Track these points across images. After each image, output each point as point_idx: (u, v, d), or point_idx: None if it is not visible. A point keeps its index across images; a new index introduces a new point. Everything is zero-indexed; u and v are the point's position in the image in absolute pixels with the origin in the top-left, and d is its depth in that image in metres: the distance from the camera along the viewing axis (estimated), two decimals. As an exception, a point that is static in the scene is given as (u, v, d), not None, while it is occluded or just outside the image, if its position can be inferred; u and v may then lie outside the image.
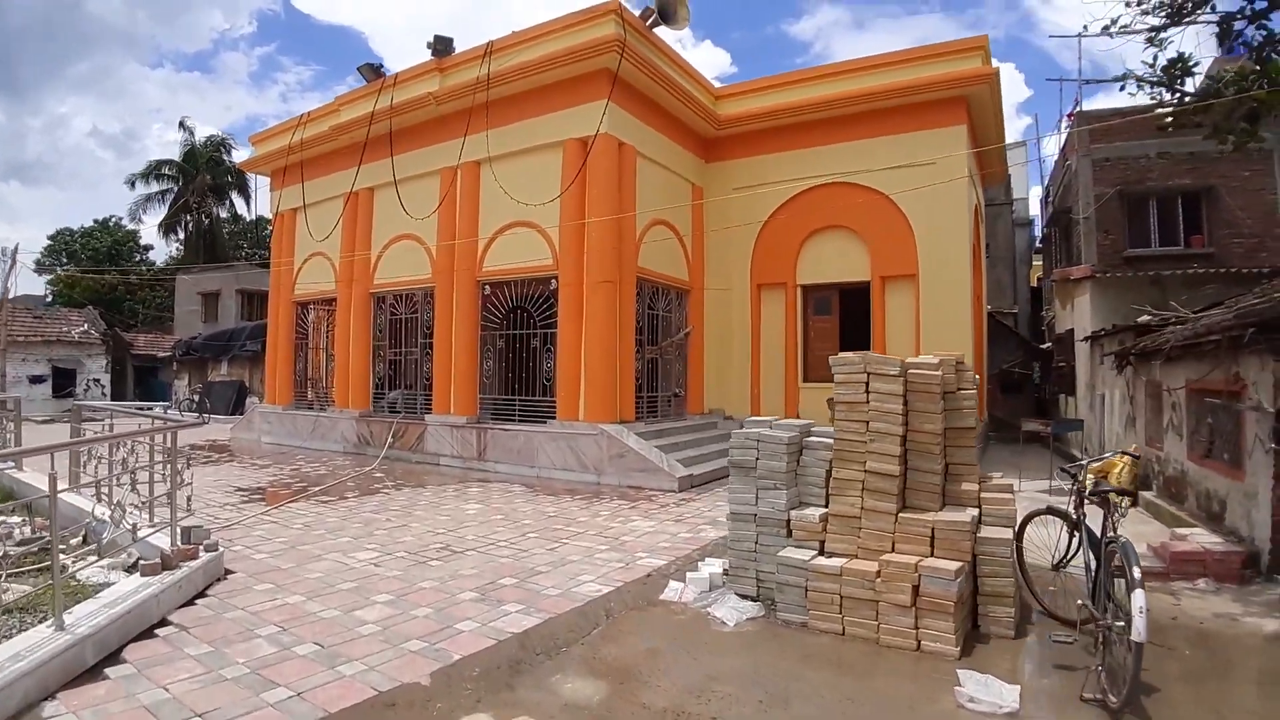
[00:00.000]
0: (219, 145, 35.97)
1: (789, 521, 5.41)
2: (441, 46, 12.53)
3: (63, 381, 26.72)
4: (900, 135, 12.54)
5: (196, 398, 23.65)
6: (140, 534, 5.88)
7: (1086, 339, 12.98)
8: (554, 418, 11.16)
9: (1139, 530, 6.94)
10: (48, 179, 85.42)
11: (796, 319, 13.43)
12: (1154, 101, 7.22)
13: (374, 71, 13.41)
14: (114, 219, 41.94)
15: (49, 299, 37.49)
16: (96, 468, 7.43)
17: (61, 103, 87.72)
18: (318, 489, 9.76)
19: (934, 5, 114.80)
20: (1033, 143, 26.67)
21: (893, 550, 4.90)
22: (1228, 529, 6.30)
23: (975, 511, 5.08)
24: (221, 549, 5.90)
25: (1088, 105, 18.07)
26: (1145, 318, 11.31)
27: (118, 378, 29.68)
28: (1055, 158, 21.08)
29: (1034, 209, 25.71)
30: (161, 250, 41.90)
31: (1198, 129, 7.35)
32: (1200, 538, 6.13)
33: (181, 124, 35.94)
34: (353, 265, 14.16)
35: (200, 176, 33.83)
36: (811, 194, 13.24)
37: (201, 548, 5.69)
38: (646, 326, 12.00)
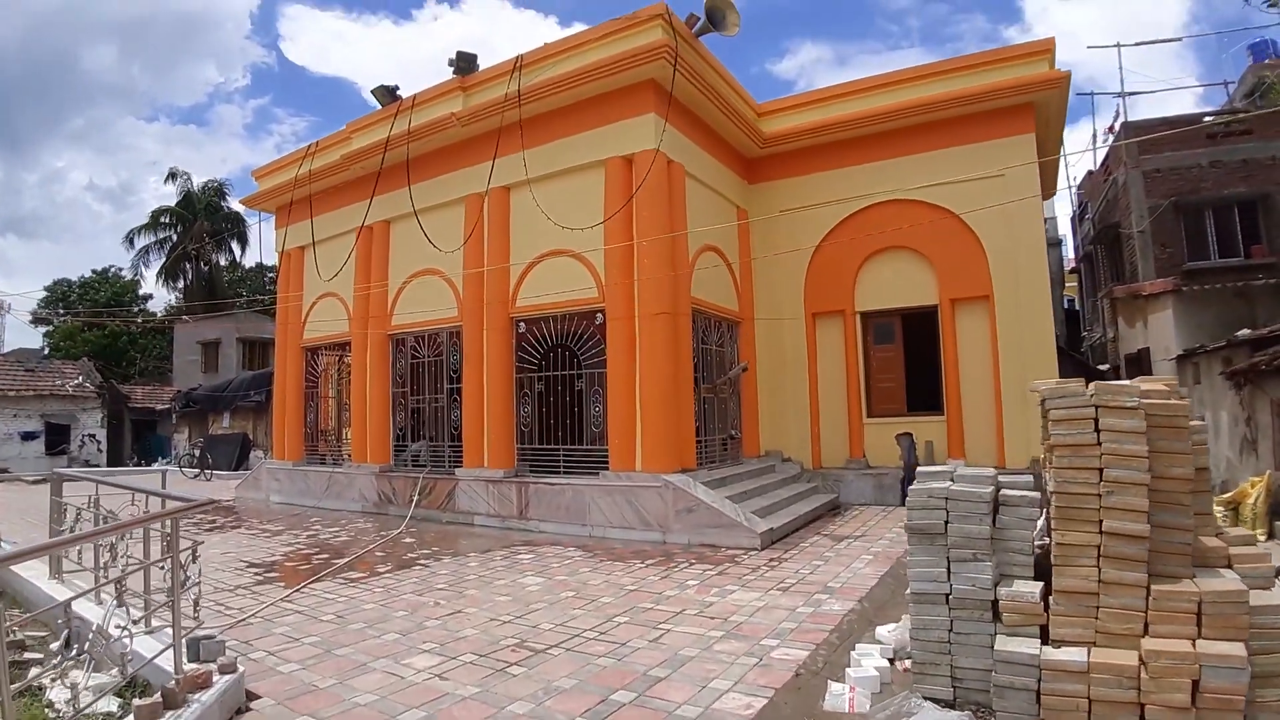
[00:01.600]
0: (216, 191, 34.87)
1: (995, 602, 4.07)
2: (465, 64, 11.39)
3: (56, 438, 25.11)
4: (963, 147, 11.43)
5: (197, 453, 22.08)
6: (134, 645, 4.46)
7: (1176, 358, 11.72)
8: (606, 468, 9.75)
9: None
10: (43, 233, 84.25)
11: (857, 349, 12.13)
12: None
13: (389, 94, 12.23)
14: (113, 269, 40.69)
15: (46, 351, 35.95)
16: (80, 553, 6.02)
17: (58, 157, 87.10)
18: (343, 562, 8.28)
19: (913, 40, 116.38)
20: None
21: (1145, 633, 3.63)
22: None
23: (1234, 574, 3.81)
24: (240, 668, 4.44)
25: (1108, 119, 17.08)
26: (1245, 331, 10.15)
27: (114, 433, 28.08)
28: (1093, 173, 20.11)
29: (1063, 228, 24.70)
30: (161, 300, 40.60)
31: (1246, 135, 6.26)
32: None
33: (172, 174, 34.85)
34: (368, 305, 12.83)
35: (198, 222, 32.62)
36: (867, 214, 12.05)
37: (216, 668, 4.25)
38: (700, 363, 10.65)
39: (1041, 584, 4.13)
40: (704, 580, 7.07)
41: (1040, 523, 4.48)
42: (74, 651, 4.80)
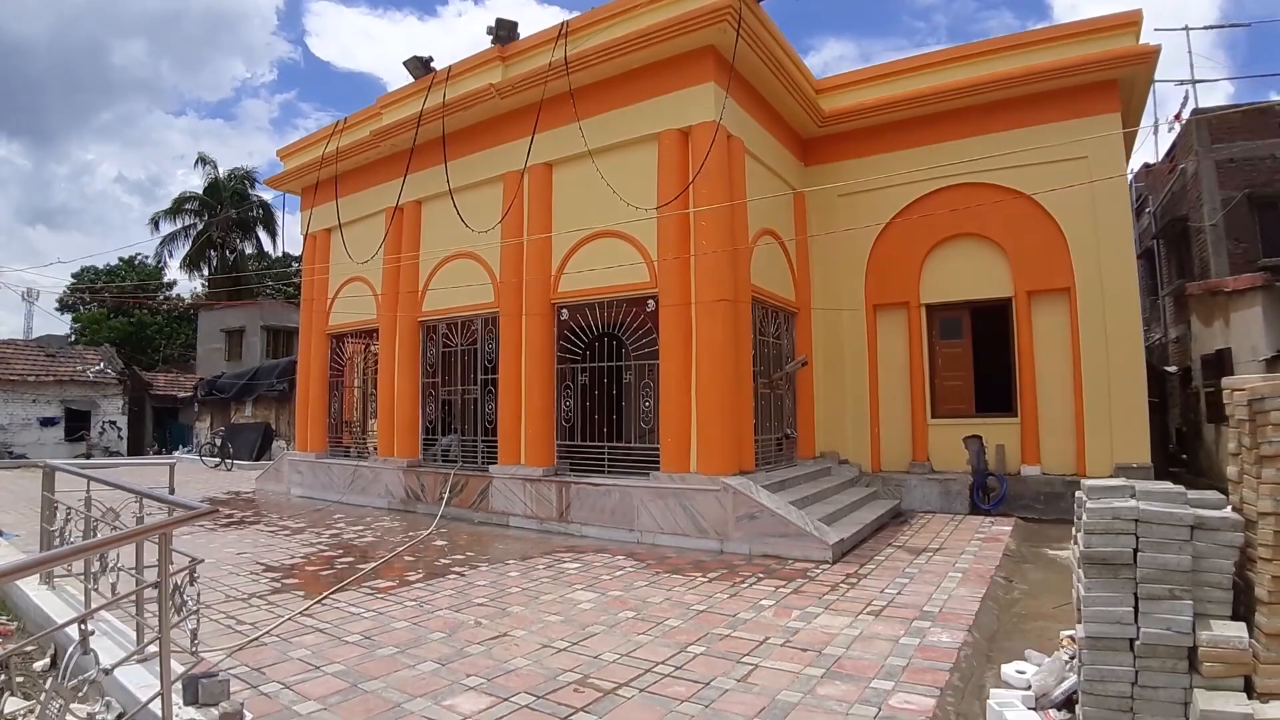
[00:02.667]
0: (243, 179, 34.31)
1: (1193, 649, 3.21)
2: (505, 32, 10.48)
3: (76, 424, 24.56)
4: (1040, 127, 10.39)
5: (218, 442, 21.43)
6: (125, 678, 3.63)
7: (1266, 360, 10.63)
8: (656, 468, 8.83)
9: None
10: (73, 224, 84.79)
11: (922, 344, 11.11)
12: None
13: (422, 66, 11.35)
14: (139, 257, 40.34)
15: (72, 339, 35.60)
16: (71, 565, 5.22)
17: (87, 150, 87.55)
18: (369, 567, 7.42)
19: (940, 37, 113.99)
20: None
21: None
22: None
23: None
24: (248, 716, 3.57)
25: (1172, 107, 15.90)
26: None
27: (136, 420, 27.55)
28: (1152, 165, 18.92)
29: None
30: (186, 288, 40.22)
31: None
32: None
33: (201, 159, 34.34)
34: (398, 290, 11.99)
35: (224, 209, 32.07)
36: (935, 198, 11.04)
37: (219, 715, 3.39)
38: (756, 355, 9.69)
39: (1244, 625, 3.25)
40: (779, 600, 6.13)
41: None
42: (61, 676, 3.98)
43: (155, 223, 32.87)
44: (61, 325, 36.93)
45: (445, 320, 11.52)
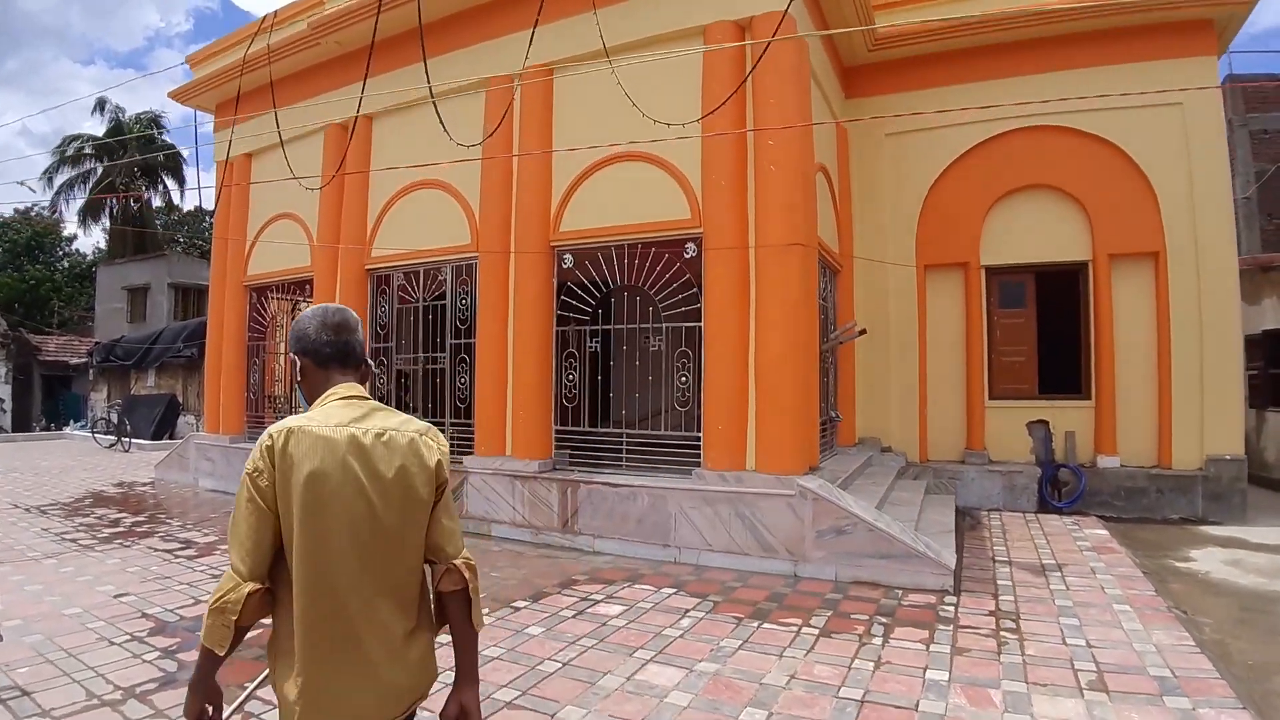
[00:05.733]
0: (151, 122, 29.61)
1: None
2: (492, -107, 7.75)
3: (-57, 395, 20.29)
4: (1127, 65, 8.44)
5: (115, 418, 17.80)
6: None
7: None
8: (697, 464, 6.50)
9: None
10: (-36, 174, 74.91)
11: (981, 312, 9.12)
12: None
13: (379, -59, 8.44)
14: (35, 208, 34.77)
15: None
16: None
17: (-15, 96, 77.31)
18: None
19: None
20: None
21: None
22: None
23: None
24: None
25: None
26: None
27: (23, 390, 23.26)
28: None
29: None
30: (88, 244, 35.09)
31: None
32: None
33: (100, 104, 29.31)
34: (339, 229, 9.15)
35: (128, 154, 27.51)
36: (1000, 142, 9.00)
37: None
38: (808, 320, 7.42)
39: None
40: (955, 672, 3.93)
41: None
42: None
43: (49, 177, 27.96)
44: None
45: (403, 268, 8.78)
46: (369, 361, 1.78)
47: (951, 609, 5.04)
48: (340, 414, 1.60)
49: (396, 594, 1.59)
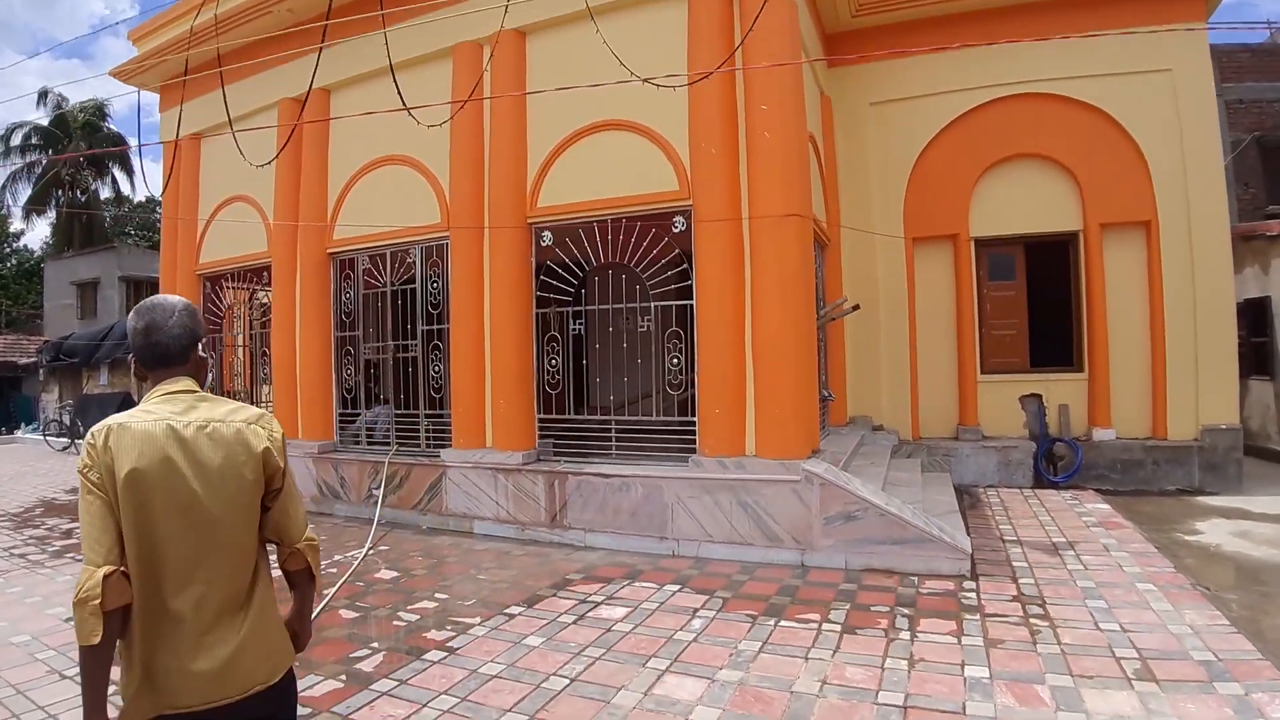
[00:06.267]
0: (96, 111, 28.11)
1: None
2: None
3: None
4: (1117, 33, 8.08)
5: (67, 419, 16.82)
6: None
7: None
8: (693, 450, 6.09)
9: None
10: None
11: (971, 285, 8.83)
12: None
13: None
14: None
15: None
16: None
17: (-84, 86, 73.11)
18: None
19: None
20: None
21: None
22: None
23: None
24: None
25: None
26: None
27: (-34, 392, 22.02)
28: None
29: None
30: (35, 239, 33.38)
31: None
32: None
33: (42, 94, 27.69)
34: (297, 211, 8.50)
35: (73, 144, 26.06)
36: (988, 110, 8.68)
37: None
38: (801, 296, 7.02)
39: None
40: (994, 667, 3.59)
41: None
42: None
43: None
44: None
45: (368, 251, 8.17)
46: (203, 354, 1.80)
47: (973, 596, 4.71)
48: (160, 409, 1.64)
49: (229, 578, 1.63)
